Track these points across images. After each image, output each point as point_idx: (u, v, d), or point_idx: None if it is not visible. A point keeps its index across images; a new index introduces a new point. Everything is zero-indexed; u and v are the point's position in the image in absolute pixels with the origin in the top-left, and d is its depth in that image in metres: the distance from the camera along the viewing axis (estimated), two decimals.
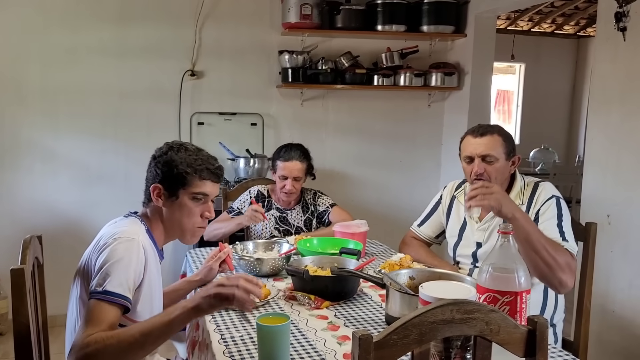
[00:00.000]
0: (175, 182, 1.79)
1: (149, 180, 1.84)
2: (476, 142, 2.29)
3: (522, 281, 1.34)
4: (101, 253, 1.62)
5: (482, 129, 2.31)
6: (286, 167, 3.01)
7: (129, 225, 1.74)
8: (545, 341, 1.11)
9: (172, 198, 1.80)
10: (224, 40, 4.20)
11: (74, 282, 1.76)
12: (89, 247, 1.76)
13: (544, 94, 8.12)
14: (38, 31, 3.88)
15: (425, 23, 4.29)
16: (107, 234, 1.69)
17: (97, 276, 1.57)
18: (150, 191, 1.81)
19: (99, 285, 1.54)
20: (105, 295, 1.53)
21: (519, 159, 2.33)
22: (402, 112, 4.64)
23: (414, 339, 1.04)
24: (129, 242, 1.64)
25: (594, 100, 3.24)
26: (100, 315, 1.51)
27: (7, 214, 3.94)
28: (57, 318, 3.15)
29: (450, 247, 2.53)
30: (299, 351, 1.57)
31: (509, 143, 2.30)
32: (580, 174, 6.40)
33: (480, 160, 2.27)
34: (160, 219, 1.84)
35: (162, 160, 1.81)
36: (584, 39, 8.02)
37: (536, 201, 2.26)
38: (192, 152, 1.84)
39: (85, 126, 4.03)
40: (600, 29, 3.17)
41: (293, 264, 2.17)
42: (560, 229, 2.16)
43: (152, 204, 1.83)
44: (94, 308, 1.52)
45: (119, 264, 1.59)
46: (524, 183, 2.35)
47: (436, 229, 2.64)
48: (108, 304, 1.53)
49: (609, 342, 3.08)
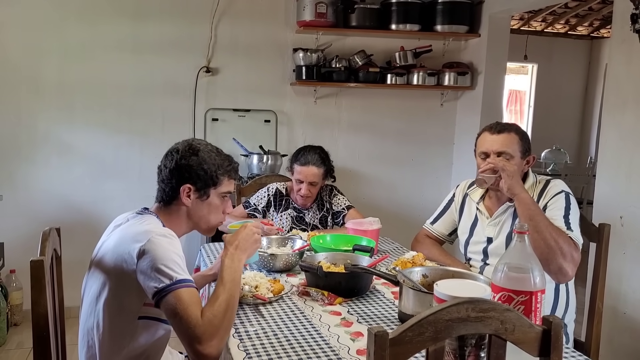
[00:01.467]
0: (207, 183, 1.83)
1: (171, 179, 1.81)
2: (493, 139, 2.32)
3: (537, 281, 1.35)
4: (145, 254, 1.61)
5: (500, 126, 2.34)
6: (302, 171, 2.98)
7: (153, 223, 1.75)
8: (560, 341, 1.12)
9: (203, 197, 1.84)
10: (239, 38, 4.22)
11: (94, 282, 1.75)
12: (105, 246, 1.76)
13: (556, 94, 8.09)
14: (55, 26, 3.92)
15: (439, 22, 4.29)
16: (135, 234, 1.67)
17: (158, 274, 1.57)
18: (176, 190, 1.81)
19: (169, 279, 1.56)
20: (181, 283, 1.56)
21: (533, 159, 2.35)
22: (415, 111, 4.64)
23: (429, 336, 1.05)
24: (166, 238, 1.66)
25: (608, 102, 3.24)
26: (192, 298, 1.56)
27: (23, 206, 3.98)
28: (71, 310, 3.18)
29: (462, 244, 2.55)
30: (312, 346, 1.59)
31: (525, 142, 2.32)
32: (591, 175, 6.40)
33: (495, 156, 2.29)
34: (182, 216, 1.86)
35: (192, 161, 1.81)
36: (597, 40, 7.97)
37: (545, 195, 2.28)
38: (218, 153, 1.88)
39: (100, 121, 4.07)
40: (615, 31, 3.17)
41: (307, 259, 2.19)
42: (566, 219, 2.18)
43: (176, 203, 1.83)
44: (180, 297, 1.54)
45: (173, 256, 1.61)
46: (535, 180, 2.36)
47: (449, 226, 2.65)
48: (187, 289, 1.57)
49: (620, 343, 3.07)
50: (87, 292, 1.79)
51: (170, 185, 1.82)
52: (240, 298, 1.91)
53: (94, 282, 1.75)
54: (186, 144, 1.86)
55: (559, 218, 2.18)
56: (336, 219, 3.10)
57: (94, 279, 1.75)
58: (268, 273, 2.29)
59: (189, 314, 1.51)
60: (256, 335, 1.66)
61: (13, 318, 3.91)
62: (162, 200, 1.85)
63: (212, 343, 1.50)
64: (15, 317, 3.93)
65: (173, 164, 1.81)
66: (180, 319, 1.52)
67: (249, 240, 1.81)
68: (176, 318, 1.52)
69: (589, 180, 6.58)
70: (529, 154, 2.33)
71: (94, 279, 1.75)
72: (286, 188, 3.13)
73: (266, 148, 4.17)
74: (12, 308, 3.89)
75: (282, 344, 1.60)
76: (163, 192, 1.84)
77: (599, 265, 2.33)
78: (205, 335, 1.50)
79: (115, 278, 1.68)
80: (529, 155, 2.33)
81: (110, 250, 1.72)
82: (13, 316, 3.91)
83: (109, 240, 1.77)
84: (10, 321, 3.86)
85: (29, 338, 1.62)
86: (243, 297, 1.91)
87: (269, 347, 1.58)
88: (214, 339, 1.51)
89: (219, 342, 1.52)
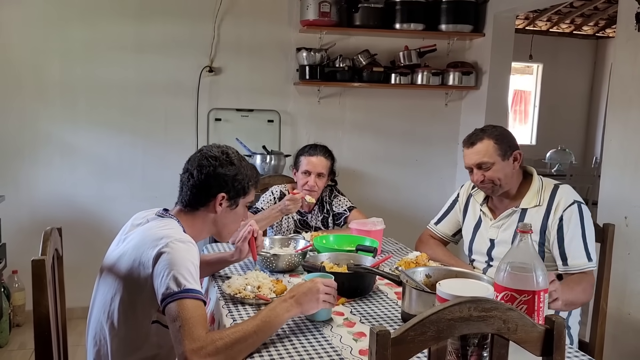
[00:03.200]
0: (239, 193, 1.85)
1: (207, 186, 1.80)
2: (469, 153, 2.32)
3: (539, 280, 1.34)
4: (161, 258, 1.59)
5: (472, 138, 2.31)
6: (310, 161, 2.96)
7: (174, 228, 1.73)
8: (562, 341, 1.11)
9: (232, 206, 1.86)
10: (242, 37, 4.21)
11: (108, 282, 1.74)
12: (123, 247, 1.74)
13: (561, 94, 8.06)
14: (58, 26, 3.92)
15: (444, 22, 4.28)
16: (154, 237, 1.66)
17: (169, 279, 1.54)
18: (209, 197, 1.81)
19: (177, 286, 1.53)
20: (188, 293, 1.53)
21: (520, 155, 2.31)
22: (419, 111, 4.63)
23: (431, 335, 1.04)
24: (184, 244, 1.64)
25: (613, 101, 3.22)
26: (196, 310, 1.51)
27: (25, 207, 3.98)
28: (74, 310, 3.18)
29: (466, 246, 2.54)
30: (315, 346, 1.58)
31: (503, 143, 2.28)
32: (597, 175, 6.37)
33: (477, 169, 2.30)
34: (208, 222, 1.86)
35: (230, 170, 1.81)
36: (602, 40, 7.95)
37: (557, 206, 2.23)
38: (247, 162, 1.90)
39: (103, 121, 4.07)
40: (620, 30, 3.15)
41: (309, 260, 2.18)
42: (585, 245, 2.17)
43: (205, 209, 1.83)
44: (184, 306, 1.50)
45: (187, 264, 1.59)
46: (541, 184, 2.32)
47: (453, 227, 2.64)
48: (193, 300, 1.53)
49: (625, 344, 3.06)
50: (100, 290, 1.78)
51: (205, 191, 1.81)
52: (243, 298, 1.90)
53: (110, 282, 1.74)
54: (220, 151, 1.85)
55: (579, 246, 2.17)
56: (337, 221, 3.09)
57: (110, 279, 1.74)
58: (271, 274, 2.28)
59: (190, 325, 1.46)
60: None
61: (15, 319, 3.91)
62: (189, 204, 1.84)
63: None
64: (18, 318, 3.93)
65: (211, 171, 1.80)
66: (180, 328, 1.47)
67: (311, 297, 1.67)
68: (176, 326, 1.48)
69: (594, 181, 6.55)
70: (511, 151, 2.28)
71: (110, 279, 1.75)
72: (288, 190, 3.09)
73: (269, 148, 4.16)
74: (15, 309, 3.89)
75: (285, 344, 1.59)
76: (193, 197, 1.82)
77: (604, 265, 2.32)
78: (200, 351, 1.43)
79: (132, 280, 1.67)
80: (512, 153, 2.29)
81: (128, 252, 1.71)
82: (15, 317, 3.91)
83: (128, 242, 1.76)
84: (12, 322, 3.86)
85: (31, 339, 1.62)
86: (245, 298, 1.90)
87: (271, 348, 1.57)
88: (209, 358, 1.44)
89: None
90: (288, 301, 1.64)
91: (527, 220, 2.28)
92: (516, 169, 2.32)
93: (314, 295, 1.68)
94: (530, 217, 2.28)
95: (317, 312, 1.72)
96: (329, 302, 1.71)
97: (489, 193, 2.39)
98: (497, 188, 2.31)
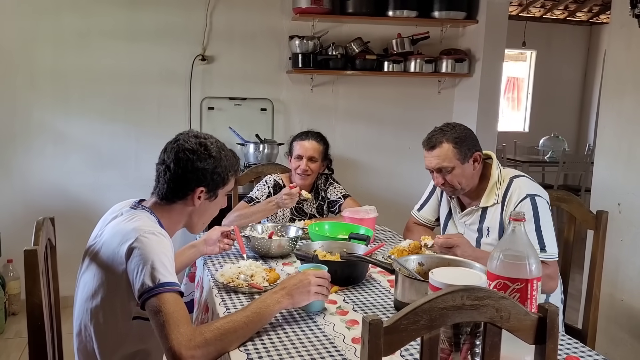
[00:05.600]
0: (217, 185, 1.81)
1: (185, 181, 1.75)
2: (429, 156, 2.31)
3: (533, 268, 1.34)
4: (133, 252, 1.57)
5: (432, 141, 2.29)
6: (302, 145, 2.95)
7: (145, 220, 1.69)
8: (555, 329, 1.11)
9: (212, 198, 1.82)
10: (235, 25, 4.19)
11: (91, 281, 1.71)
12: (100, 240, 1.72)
13: (554, 81, 8.07)
14: (49, 14, 3.89)
15: (437, 9, 4.26)
16: (124, 231, 1.63)
17: (143, 274, 1.52)
18: (187, 192, 1.77)
19: (152, 281, 1.51)
20: (164, 286, 1.50)
21: (479, 156, 2.29)
22: (412, 99, 4.62)
23: (424, 324, 1.04)
24: (155, 236, 1.61)
25: (606, 87, 3.22)
26: (178, 306, 1.49)
27: (18, 196, 3.97)
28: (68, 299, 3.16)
29: (442, 232, 2.57)
30: (307, 335, 1.58)
31: (462, 146, 2.25)
32: (590, 162, 6.39)
33: (437, 172, 2.30)
34: (184, 215, 1.83)
35: (208, 164, 1.76)
36: (596, 26, 7.95)
37: (509, 201, 2.23)
38: (225, 151, 1.83)
39: (96, 109, 4.05)
40: (615, 15, 3.15)
41: (302, 248, 2.18)
42: (538, 233, 2.13)
43: (183, 202, 1.79)
44: (165, 302, 1.48)
45: (160, 256, 1.56)
46: (500, 176, 2.30)
47: (434, 212, 2.65)
48: (171, 293, 1.51)
49: (618, 330, 3.08)
50: (82, 286, 1.75)
51: (182, 185, 1.76)
52: (236, 287, 1.90)
53: (90, 277, 1.71)
54: (197, 142, 1.77)
55: (534, 242, 2.11)
56: (332, 208, 3.09)
57: (90, 274, 1.72)
58: (264, 262, 2.28)
59: (174, 319, 1.45)
60: None
61: (11, 307, 3.92)
62: (165, 197, 1.79)
63: (194, 353, 1.42)
64: (13, 307, 3.93)
65: (189, 166, 1.74)
66: (164, 323, 1.45)
67: (302, 289, 1.66)
68: (159, 321, 1.46)
69: (587, 168, 6.58)
70: (471, 153, 2.26)
71: (89, 274, 1.72)
72: (282, 179, 3.08)
73: (262, 137, 4.15)
74: (10, 297, 3.90)
75: (278, 332, 1.59)
76: (170, 191, 1.77)
77: (597, 252, 2.32)
78: (189, 343, 1.42)
79: (109, 278, 1.65)
80: (471, 155, 2.26)
81: (102, 248, 1.69)
82: (11, 305, 3.92)
83: (103, 236, 1.73)
84: (8, 310, 3.87)
85: (26, 327, 1.61)
86: (238, 286, 1.90)
87: (264, 336, 1.57)
88: (198, 350, 1.43)
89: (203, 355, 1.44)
90: (279, 293, 1.63)
91: (488, 219, 2.31)
92: (476, 170, 2.31)
93: (305, 287, 1.66)
94: (491, 215, 2.30)
95: (310, 304, 1.72)
96: (321, 294, 1.70)
97: (450, 194, 2.43)
98: (458, 190, 2.33)
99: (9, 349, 3.49)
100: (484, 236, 2.32)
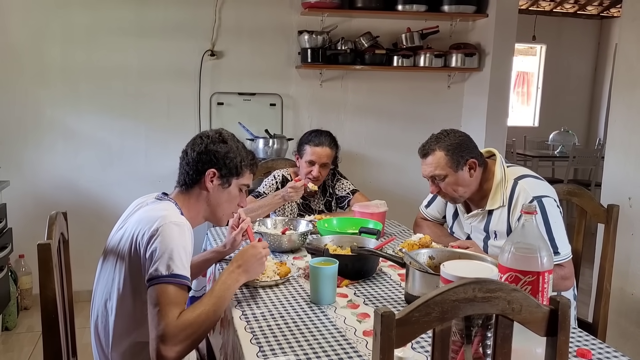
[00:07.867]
0: (231, 172, 1.87)
1: (197, 163, 1.84)
2: (424, 164, 2.31)
3: (544, 261, 1.34)
4: (154, 239, 1.62)
5: (425, 149, 2.30)
6: (315, 152, 2.92)
7: (170, 210, 1.76)
8: (567, 321, 1.11)
9: (225, 185, 1.88)
10: (244, 20, 4.19)
11: (110, 264, 1.77)
12: (123, 230, 1.77)
13: (564, 75, 8.02)
14: (59, 11, 3.90)
15: (447, 3, 4.24)
16: (150, 218, 1.68)
17: (159, 261, 1.58)
18: (201, 174, 1.85)
19: (166, 269, 1.57)
20: (174, 278, 1.57)
21: (475, 163, 2.24)
22: (422, 93, 4.61)
23: (435, 316, 1.04)
24: (179, 227, 1.66)
25: (617, 81, 3.20)
26: (177, 297, 1.56)
27: (29, 191, 4.00)
28: (80, 294, 3.21)
29: (449, 229, 2.57)
30: (319, 328, 1.59)
31: (455, 154, 2.22)
32: (600, 157, 6.36)
33: (431, 180, 2.29)
34: (202, 201, 1.89)
35: (220, 148, 1.85)
36: (607, 20, 7.89)
37: (515, 206, 2.18)
38: (243, 146, 1.93)
39: (105, 105, 4.07)
40: (626, 9, 3.12)
41: (313, 242, 2.19)
42: (549, 236, 2.07)
43: (198, 187, 1.87)
44: (166, 291, 1.55)
45: (178, 248, 1.61)
46: (504, 176, 2.25)
47: (441, 210, 2.63)
48: (177, 286, 1.57)
49: (628, 324, 3.07)
50: (102, 274, 1.81)
51: (196, 168, 1.84)
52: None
53: (111, 265, 1.77)
54: (215, 131, 1.91)
55: None
56: (340, 204, 3.09)
57: (111, 262, 1.77)
58: (274, 256, 2.29)
59: (166, 311, 1.52)
60: (263, 317, 1.67)
61: (23, 302, 3.95)
62: (184, 183, 1.88)
63: (175, 348, 1.51)
64: (25, 301, 3.96)
65: (202, 148, 1.85)
66: (157, 312, 1.53)
67: (254, 262, 1.80)
68: (154, 309, 1.54)
69: (597, 162, 6.54)
70: (464, 161, 2.23)
71: (110, 263, 1.78)
72: (290, 174, 3.07)
73: (272, 132, 4.15)
74: (22, 292, 3.93)
75: (289, 325, 1.61)
76: (186, 175, 1.87)
77: (607, 246, 2.32)
78: (173, 339, 1.50)
79: (131, 262, 1.70)
80: (466, 163, 2.23)
81: (126, 235, 1.74)
82: (23, 300, 3.95)
83: (127, 225, 1.78)
84: (20, 305, 3.90)
85: (38, 322, 1.64)
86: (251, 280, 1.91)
87: (275, 329, 1.58)
88: (179, 345, 1.51)
89: (182, 350, 1.53)
90: (235, 272, 1.74)
91: (494, 222, 2.27)
92: (474, 177, 2.26)
93: (259, 260, 1.81)
94: (497, 218, 2.26)
95: (321, 296, 1.77)
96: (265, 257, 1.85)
97: (451, 202, 2.41)
98: (457, 197, 2.30)
99: (21, 343, 3.52)
100: (492, 238, 2.31)
